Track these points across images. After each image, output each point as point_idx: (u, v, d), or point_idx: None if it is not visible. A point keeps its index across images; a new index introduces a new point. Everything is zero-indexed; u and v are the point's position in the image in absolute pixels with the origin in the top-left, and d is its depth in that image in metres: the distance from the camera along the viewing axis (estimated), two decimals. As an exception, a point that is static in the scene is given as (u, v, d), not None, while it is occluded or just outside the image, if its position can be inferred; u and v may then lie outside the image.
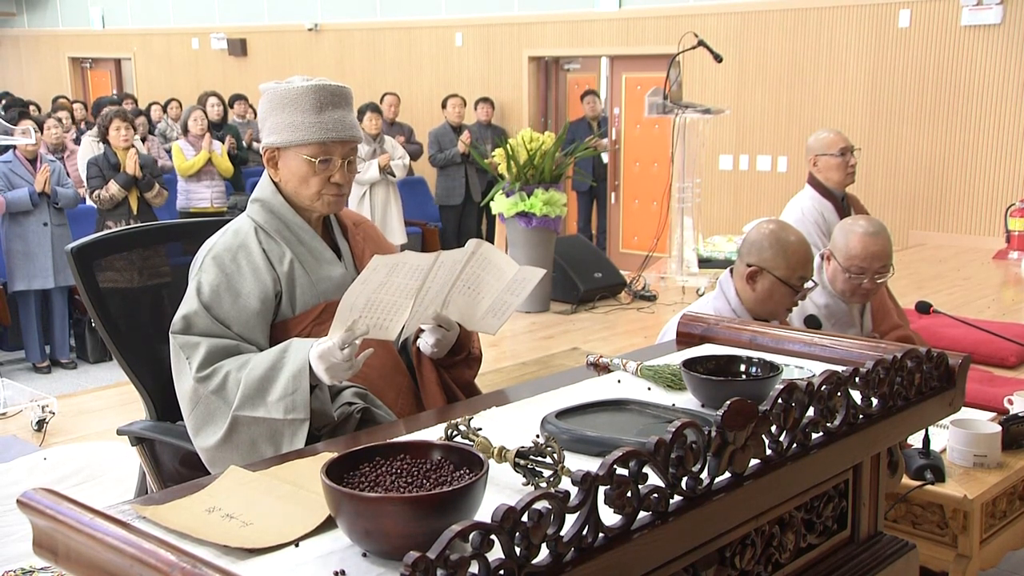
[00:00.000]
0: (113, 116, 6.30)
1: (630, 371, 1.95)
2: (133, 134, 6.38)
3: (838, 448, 1.49)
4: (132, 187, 6.29)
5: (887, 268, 2.97)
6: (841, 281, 2.98)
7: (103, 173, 6.25)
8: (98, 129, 6.42)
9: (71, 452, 4.08)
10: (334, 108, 2.09)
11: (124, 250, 2.39)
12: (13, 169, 6.02)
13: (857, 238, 2.93)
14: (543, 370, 5.26)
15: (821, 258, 3.07)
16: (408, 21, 10.89)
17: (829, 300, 3.03)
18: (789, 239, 2.67)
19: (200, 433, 2.02)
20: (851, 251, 2.93)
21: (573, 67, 10.23)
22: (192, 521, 1.29)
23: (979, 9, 7.53)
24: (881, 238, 2.95)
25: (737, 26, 8.66)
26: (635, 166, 9.44)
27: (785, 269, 2.63)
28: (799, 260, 2.66)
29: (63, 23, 14.67)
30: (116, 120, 6.25)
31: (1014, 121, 7.56)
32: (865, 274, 2.94)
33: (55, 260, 6.06)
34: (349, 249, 2.25)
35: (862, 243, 2.93)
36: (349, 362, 1.90)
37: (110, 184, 6.21)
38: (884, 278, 2.99)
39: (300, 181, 2.11)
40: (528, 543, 1.03)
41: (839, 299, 3.03)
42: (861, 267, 2.93)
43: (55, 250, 6.06)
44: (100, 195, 6.23)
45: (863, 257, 2.93)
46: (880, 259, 2.94)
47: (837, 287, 3.00)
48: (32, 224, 6.07)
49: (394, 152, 7.67)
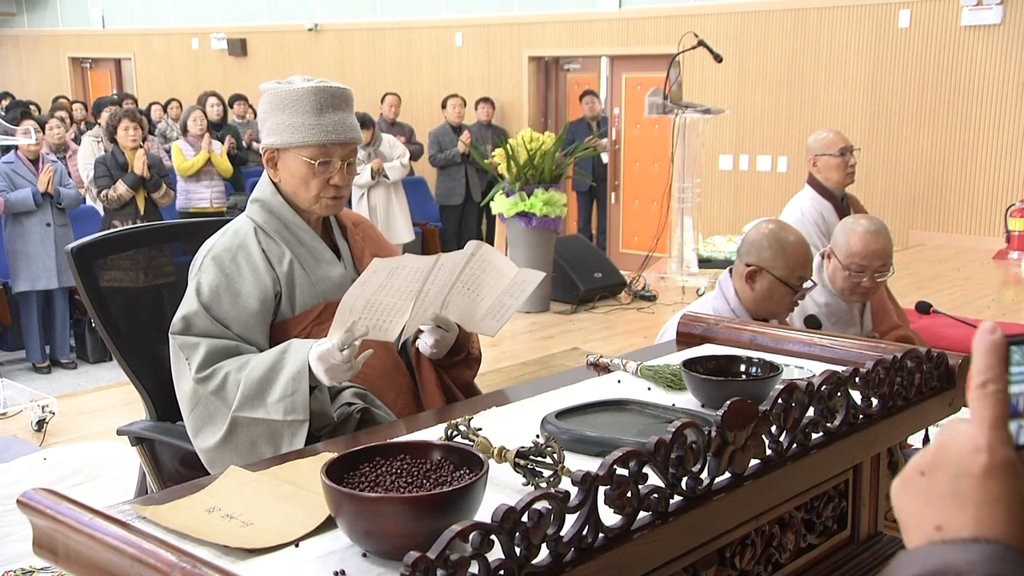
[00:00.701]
0: (122, 116, 6.30)
1: (630, 371, 1.95)
2: (141, 134, 6.39)
3: (838, 448, 1.49)
4: (140, 187, 6.31)
5: (887, 267, 2.98)
6: (841, 279, 2.98)
7: (111, 173, 6.26)
8: (106, 129, 6.42)
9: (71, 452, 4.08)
10: (334, 110, 2.09)
11: (124, 250, 2.40)
12: (15, 169, 6.02)
13: (858, 236, 2.93)
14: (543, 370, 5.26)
15: (821, 256, 3.07)
16: (408, 21, 10.89)
17: (829, 299, 3.03)
18: (788, 239, 2.67)
19: (200, 434, 2.02)
20: (852, 249, 2.94)
21: (573, 67, 10.23)
22: (192, 521, 1.29)
23: (979, 9, 7.53)
24: (882, 236, 2.96)
25: (737, 26, 8.66)
26: (635, 166, 9.44)
27: (784, 269, 2.63)
28: (798, 260, 2.66)
29: (63, 23, 14.67)
30: (125, 120, 6.27)
31: (1014, 121, 7.56)
32: (865, 272, 2.94)
33: (58, 260, 6.06)
34: (348, 249, 2.25)
35: (863, 241, 2.93)
36: (349, 363, 1.90)
37: (118, 184, 6.22)
38: (884, 277, 2.99)
39: (299, 182, 2.12)
40: (528, 543, 1.03)
41: (839, 298, 3.03)
42: (861, 265, 2.94)
43: (58, 250, 6.06)
44: (108, 195, 6.23)
45: (863, 255, 2.93)
46: (880, 257, 2.95)
47: (837, 285, 3.00)
48: (35, 224, 6.07)
49: (393, 151, 7.63)
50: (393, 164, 7.53)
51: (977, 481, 0.68)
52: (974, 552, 0.65)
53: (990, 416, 0.69)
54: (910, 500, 0.72)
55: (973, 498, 0.68)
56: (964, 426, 0.71)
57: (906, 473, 0.73)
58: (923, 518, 0.70)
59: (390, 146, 7.68)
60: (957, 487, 0.69)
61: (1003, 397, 0.70)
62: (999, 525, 0.67)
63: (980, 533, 0.67)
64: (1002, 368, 0.70)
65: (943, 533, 0.68)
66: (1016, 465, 0.69)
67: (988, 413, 0.70)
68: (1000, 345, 0.70)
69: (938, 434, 0.73)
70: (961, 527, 0.68)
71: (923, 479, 0.71)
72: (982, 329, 0.71)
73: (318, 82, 2.11)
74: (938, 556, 0.66)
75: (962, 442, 0.70)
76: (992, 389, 0.70)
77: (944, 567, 0.65)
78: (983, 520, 0.67)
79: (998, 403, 0.70)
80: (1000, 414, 0.70)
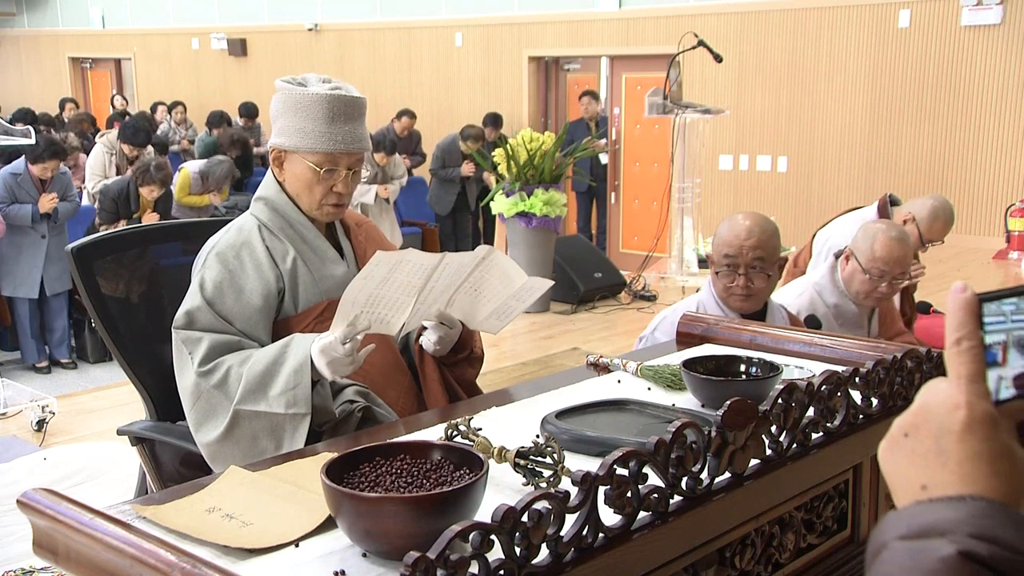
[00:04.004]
0: (149, 181, 6.25)
1: (630, 371, 1.95)
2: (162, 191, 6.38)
3: (838, 448, 1.50)
4: None
5: (905, 274, 3.00)
6: (859, 282, 2.98)
7: (119, 210, 6.26)
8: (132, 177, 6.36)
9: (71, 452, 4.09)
10: (346, 120, 2.08)
11: (124, 250, 2.39)
12: (21, 183, 5.99)
13: (881, 242, 2.94)
14: (543, 370, 5.26)
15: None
16: (408, 21, 10.89)
17: (840, 300, 3.04)
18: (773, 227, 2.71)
19: (201, 428, 2.02)
20: (875, 254, 2.94)
21: (573, 67, 10.23)
22: (192, 521, 1.29)
23: (979, 9, 7.53)
24: (905, 244, 2.97)
25: (737, 26, 8.66)
26: (635, 166, 9.44)
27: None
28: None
29: (63, 23, 14.67)
30: (152, 185, 6.24)
31: (1014, 121, 7.56)
32: (884, 277, 2.95)
33: (46, 269, 6.06)
34: (352, 249, 2.26)
35: (887, 248, 2.93)
36: (351, 357, 1.90)
37: (120, 225, 6.18)
38: (901, 283, 3.01)
39: (303, 186, 2.12)
40: (528, 543, 1.03)
41: (850, 300, 3.04)
42: (882, 270, 2.95)
43: (48, 259, 6.06)
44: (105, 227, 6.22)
45: (886, 261, 2.94)
46: (901, 265, 2.96)
47: (853, 288, 3.01)
48: (29, 234, 6.06)
49: (396, 170, 7.72)
50: (393, 188, 7.67)
51: (958, 438, 0.68)
52: (959, 510, 0.65)
53: (967, 372, 0.69)
54: (896, 462, 0.72)
55: (955, 455, 0.68)
56: (943, 384, 0.71)
57: (891, 435, 0.73)
58: (909, 478, 0.70)
59: (395, 165, 7.79)
60: (939, 445, 0.69)
61: (979, 353, 0.70)
62: (982, 480, 0.66)
63: (965, 490, 0.66)
64: (975, 325, 0.70)
65: (929, 492, 0.68)
66: (996, 419, 0.68)
67: (964, 369, 0.69)
68: (972, 302, 0.70)
69: (919, 394, 0.72)
70: (946, 485, 0.67)
71: (907, 440, 0.71)
72: (954, 288, 0.71)
73: (332, 88, 2.10)
74: (924, 515, 0.66)
75: (942, 400, 0.70)
76: (967, 346, 0.70)
77: (930, 526, 0.65)
78: (967, 477, 0.67)
79: (974, 359, 0.69)
80: (976, 370, 0.69)
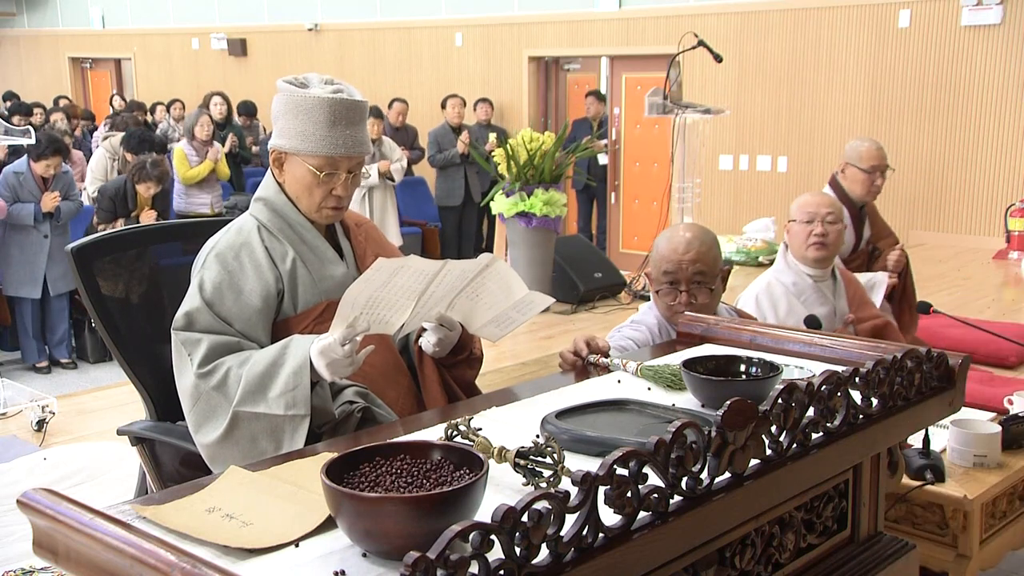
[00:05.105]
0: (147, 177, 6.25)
1: (630, 371, 1.95)
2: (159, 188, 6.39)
3: (838, 448, 1.49)
4: None
5: (833, 215, 3.11)
6: (796, 234, 3.12)
7: (116, 209, 6.25)
8: (129, 175, 6.36)
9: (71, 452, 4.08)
10: (347, 124, 2.08)
11: (124, 250, 2.39)
12: (23, 183, 5.99)
13: (802, 197, 3.21)
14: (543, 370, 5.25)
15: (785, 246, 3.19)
16: (408, 21, 10.88)
17: (796, 278, 3.13)
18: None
19: (201, 429, 2.02)
20: (799, 206, 3.14)
21: (573, 67, 10.23)
22: (192, 521, 1.29)
23: (979, 9, 7.52)
24: (820, 195, 3.26)
25: (737, 26, 8.65)
26: (635, 166, 9.44)
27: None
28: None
29: (63, 23, 14.67)
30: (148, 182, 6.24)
31: (1014, 121, 7.56)
32: (814, 220, 3.09)
33: (49, 269, 6.05)
34: (351, 249, 2.26)
35: (806, 197, 3.19)
36: (350, 358, 1.90)
37: (118, 223, 6.19)
38: (836, 226, 3.12)
39: (303, 189, 2.12)
40: (528, 543, 1.03)
41: (805, 275, 3.12)
42: (810, 213, 3.10)
43: (50, 260, 6.06)
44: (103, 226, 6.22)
45: (809, 204, 3.14)
46: (825, 207, 3.11)
47: (796, 248, 3.12)
48: (31, 234, 6.07)
49: (392, 154, 7.66)
50: (394, 167, 7.58)
51: None
52: None
53: None
54: None
55: None
56: None
57: None
58: None
59: (389, 149, 7.72)
60: None
61: None
62: None
63: None
64: None
65: None
66: None
67: None
68: None
69: None
70: None
71: None
72: None
73: (334, 91, 2.10)
74: None
75: None
76: None
77: None
78: None
79: None
80: None
